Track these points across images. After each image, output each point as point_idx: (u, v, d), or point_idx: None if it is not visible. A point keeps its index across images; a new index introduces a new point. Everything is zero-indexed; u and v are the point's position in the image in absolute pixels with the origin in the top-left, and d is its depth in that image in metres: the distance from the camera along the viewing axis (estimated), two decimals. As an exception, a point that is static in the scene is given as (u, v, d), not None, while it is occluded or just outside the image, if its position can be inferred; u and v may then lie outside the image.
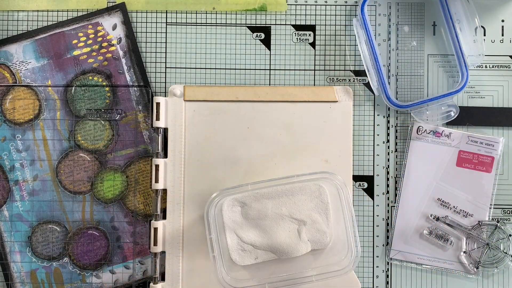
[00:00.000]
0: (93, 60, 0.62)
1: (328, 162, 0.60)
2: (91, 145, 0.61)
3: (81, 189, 0.61)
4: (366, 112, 0.62)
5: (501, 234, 0.60)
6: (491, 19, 0.63)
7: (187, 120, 0.60)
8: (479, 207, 0.60)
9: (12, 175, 0.61)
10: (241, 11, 0.63)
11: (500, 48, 0.63)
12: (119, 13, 0.62)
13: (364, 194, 0.62)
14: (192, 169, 0.60)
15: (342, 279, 0.58)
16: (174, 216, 0.60)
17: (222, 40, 0.63)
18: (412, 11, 0.63)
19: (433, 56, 0.62)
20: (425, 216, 0.61)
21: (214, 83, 0.62)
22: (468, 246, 0.60)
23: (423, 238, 0.60)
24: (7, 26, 0.62)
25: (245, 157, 0.60)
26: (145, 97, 0.62)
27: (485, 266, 0.60)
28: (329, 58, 0.63)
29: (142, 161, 0.61)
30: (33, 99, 0.62)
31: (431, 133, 0.61)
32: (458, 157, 0.61)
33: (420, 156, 0.61)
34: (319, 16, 0.63)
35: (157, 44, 0.63)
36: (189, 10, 0.63)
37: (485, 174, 0.60)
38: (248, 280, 0.57)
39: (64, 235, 0.61)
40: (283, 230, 0.57)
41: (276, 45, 0.63)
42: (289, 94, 0.61)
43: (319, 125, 0.61)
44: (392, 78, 0.62)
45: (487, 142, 0.60)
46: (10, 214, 0.61)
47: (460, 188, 0.60)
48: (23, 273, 0.61)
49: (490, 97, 0.62)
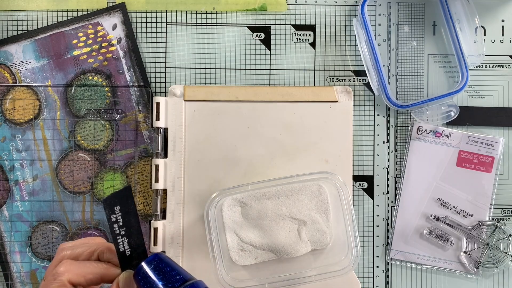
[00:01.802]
0: (93, 60, 0.62)
1: (328, 162, 0.60)
2: (91, 145, 0.61)
3: (81, 189, 0.61)
4: (366, 112, 0.62)
5: (501, 234, 0.60)
6: (491, 19, 0.63)
7: (187, 120, 0.60)
8: (479, 207, 0.60)
9: (12, 175, 0.61)
10: (241, 11, 0.63)
11: (500, 48, 0.63)
12: (119, 13, 0.62)
13: (364, 194, 0.62)
14: (192, 169, 0.60)
15: (342, 279, 0.58)
16: (174, 216, 0.59)
17: (222, 40, 0.63)
18: (412, 11, 0.63)
19: (433, 56, 0.62)
20: (425, 216, 0.61)
21: (214, 83, 0.62)
22: (468, 246, 0.60)
23: (423, 238, 0.60)
24: (7, 26, 0.62)
25: (245, 157, 0.60)
26: (145, 97, 0.62)
27: (485, 266, 0.60)
28: (329, 58, 0.63)
29: (142, 161, 0.61)
30: (33, 99, 0.62)
31: (431, 133, 0.61)
32: (458, 157, 0.61)
33: (420, 156, 0.61)
34: (319, 16, 0.63)
35: (157, 44, 0.63)
36: (189, 10, 0.63)
37: (485, 174, 0.60)
38: (248, 280, 0.57)
39: (64, 235, 0.61)
40: (283, 230, 0.57)
41: (276, 45, 0.63)
42: (289, 94, 0.61)
43: (319, 125, 0.61)
44: (392, 78, 0.62)
45: (487, 142, 0.60)
46: (10, 214, 0.61)
47: (460, 188, 0.60)
48: (23, 273, 0.61)
49: (490, 97, 0.62)
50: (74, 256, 0.45)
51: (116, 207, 0.45)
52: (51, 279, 0.43)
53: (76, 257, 0.45)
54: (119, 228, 0.45)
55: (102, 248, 0.46)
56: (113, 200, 0.45)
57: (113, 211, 0.44)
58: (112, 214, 0.45)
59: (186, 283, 0.43)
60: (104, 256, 0.46)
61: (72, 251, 0.45)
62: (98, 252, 0.46)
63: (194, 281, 0.44)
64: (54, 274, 0.43)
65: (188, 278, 0.44)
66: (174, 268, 0.44)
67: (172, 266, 0.44)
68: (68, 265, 0.43)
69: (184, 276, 0.44)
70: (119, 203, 0.45)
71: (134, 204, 0.45)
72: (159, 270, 0.44)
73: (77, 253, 0.45)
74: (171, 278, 0.44)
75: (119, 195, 0.45)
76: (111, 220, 0.45)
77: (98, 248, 0.46)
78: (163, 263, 0.44)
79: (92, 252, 0.45)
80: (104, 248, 0.46)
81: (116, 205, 0.45)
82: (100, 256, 0.46)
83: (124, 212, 0.45)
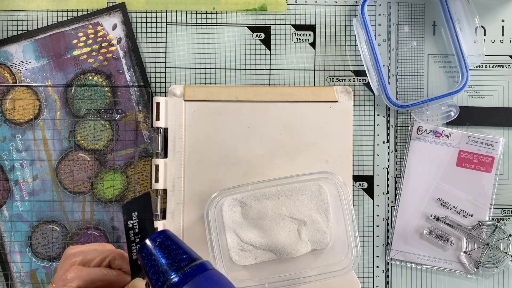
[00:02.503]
0: (93, 60, 0.62)
1: (328, 162, 0.60)
2: (91, 145, 0.61)
3: (81, 189, 0.61)
4: (366, 112, 0.62)
5: (501, 234, 0.60)
6: (491, 19, 0.63)
7: (187, 120, 0.60)
8: (479, 207, 0.60)
9: (12, 175, 0.61)
10: (241, 11, 0.63)
11: (500, 48, 0.63)
12: (119, 13, 0.62)
13: (364, 194, 0.62)
14: (192, 169, 0.60)
15: (342, 279, 0.58)
16: (174, 216, 0.59)
17: (222, 40, 0.63)
18: (412, 11, 0.63)
19: (433, 56, 0.62)
20: (425, 216, 0.61)
21: (214, 83, 0.62)
22: (468, 246, 0.60)
23: (423, 238, 0.60)
24: (7, 26, 0.62)
25: (245, 157, 0.60)
26: (145, 97, 0.62)
27: (485, 266, 0.60)
28: (329, 58, 0.63)
29: (142, 161, 0.61)
30: (33, 99, 0.62)
31: (431, 133, 0.61)
32: (458, 157, 0.61)
33: (420, 156, 0.61)
34: (319, 16, 0.63)
35: (157, 44, 0.63)
36: (189, 10, 0.63)
37: (485, 174, 0.60)
38: (248, 280, 0.57)
39: (64, 235, 0.61)
40: (283, 230, 0.57)
41: (276, 45, 0.63)
42: (289, 94, 0.61)
43: (319, 125, 0.61)
44: (392, 78, 0.62)
45: (487, 142, 0.60)
46: (10, 214, 0.61)
47: (460, 188, 0.60)
48: (23, 273, 0.61)
49: (490, 97, 0.62)
50: (85, 262, 0.45)
51: (134, 213, 0.44)
52: (61, 284, 0.42)
53: (87, 263, 0.45)
54: (134, 235, 0.44)
55: (114, 254, 0.45)
56: (132, 206, 0.44)
57: (130, 217, 0.44)
58: (129, 220, 0.44)
59: (193, 263, 0.41)
60: (116, 263, 0.45)
61: (84, 257, 0.45)
62: (110, 259, 0.45)
63: (201, 262, 0.41)
64: (63, 279, 0.43)
65: (194, 257, 0.42)
66: (181, 247, 0.42)
67: (178, 244, 0.42)
68: (78, 271, 0.43)
69: (191, 255, 0.42)
70: (137, 210, 0.44)
71: (151, 212, 0.45)
72: (164, 248, 0.41)
73: (88, 259, 0.45)
74: (177, 257, 0.41)
75: (138, 201, 0.44)
76: (127, 226, 0.43)
77: (110, 254, 0.45)
78: (169, 241, 0.42)
79: (104, 259, 0.45)
80: (116, 255, 0.45)
81: (135, 211, 0.44)
82: (111, 263, 0.45)
83: (141, 219, 0.44)
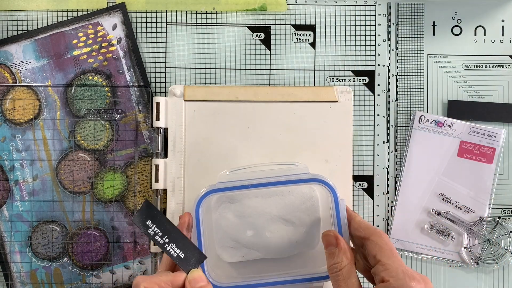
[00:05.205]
0: (93, 60, 0.62)
1: (328, 162, 0.60)
2: (91, 145, 0.61)
3: (81, 189, 0.61)
4: (366, 112, 0.62)
5: (502, 230, 0.60)
6: (491, 19, 0.63)
7: (187, 120, 0.60)
8: (480, 203, 0.60)
9: (12, 175, 0.61)
10: (241, 11, 0.63)
11: (500, 48, 0.63)
12: (119, 13, 0.62)
13: (364, 194, 0.62)
14: (192, 169, 0.60)
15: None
16: (174, 215, 0.59)
17: (222, 40, 0.63)
18: (412, 11, 0.63)
19: (433, 56, 0.62)
20: (427, 211, 0.61)
21: (214, 83, 0.62)
22: (469, 242, 0.60)
23: (424, 232, 0.60)
24: (7, 26, 0.62)
25: (245, 157, 0.60)
26: (145, 97, 0.62)
27: (485, 262, 0.60)
28: (329, 58, 0.63)
29: (142, 161, 0.61)
30: (33, 99, 0.62)
31: (433, 123, 0.61)
32: (459, 148, 0.60)
33: (421, 145, 0.61)
34: (319, 16, 0.63)
35: (157, 44, 0.63)
36: (189, 10, 0.63)
37: (486, 165, 0.60)
38: (234, 277, 0.56)
39: (64, 235, 0.61)
40: (272, 230, 0.56)
41: (276, 45, 0.63)
42: (289, 94, 0.61)
43: (319, 125, 0.61)
44: (392, 78, 0.62)
45: (489, 133, 0.60)
46: (10, 214, 0.61)
47: (462, 182, 0.60)
48: (23, 273, 0.61)
49: (490, 97, 0.62)
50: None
51: (148, 221, 0.47)
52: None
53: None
54: (161, 237, 0.47)
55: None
56: (141, 218, 0.47)
57: (147, 227, 0.47)
58: (148, 229, 0.47)
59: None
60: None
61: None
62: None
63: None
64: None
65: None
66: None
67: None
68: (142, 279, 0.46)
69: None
70: (148, 217, 0.47)
71: (161, 212, 0.48)
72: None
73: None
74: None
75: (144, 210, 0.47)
76: (150, 235, 0.47)
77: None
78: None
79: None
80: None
81: (147, 220, 0.47)
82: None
83: (157, 223, 0.47)
